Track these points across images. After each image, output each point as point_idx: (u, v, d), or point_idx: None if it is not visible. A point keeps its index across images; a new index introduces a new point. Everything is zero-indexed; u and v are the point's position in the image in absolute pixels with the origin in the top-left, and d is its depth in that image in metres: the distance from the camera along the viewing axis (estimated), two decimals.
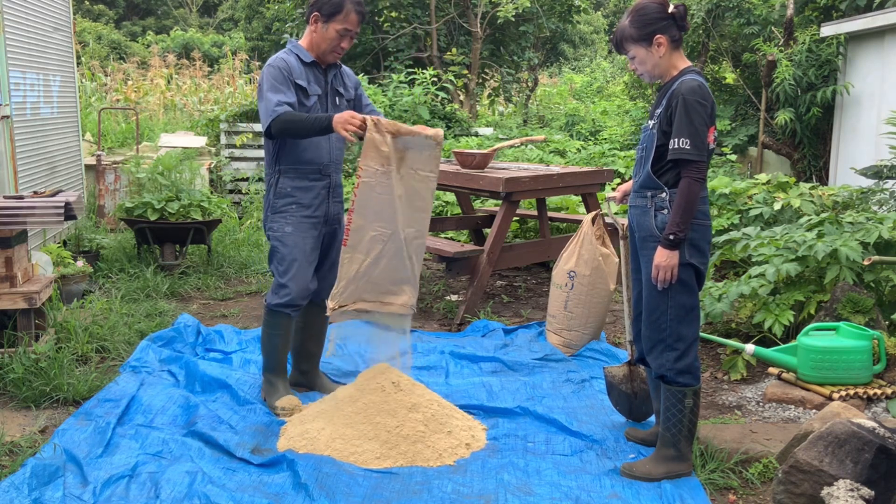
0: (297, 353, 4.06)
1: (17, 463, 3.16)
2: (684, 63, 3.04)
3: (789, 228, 4.81)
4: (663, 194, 2.99)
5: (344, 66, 3.87)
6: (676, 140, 2.90)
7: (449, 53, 12.69)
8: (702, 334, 4.26)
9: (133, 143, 10.01)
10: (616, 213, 3.60)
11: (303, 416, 3.61)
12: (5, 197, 4.42)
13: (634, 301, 3.27)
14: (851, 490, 2.44)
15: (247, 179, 9.71)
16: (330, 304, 3.42)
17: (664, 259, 2.95)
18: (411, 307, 3.58)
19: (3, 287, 4.15)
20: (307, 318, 3.97)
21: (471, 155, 5.70)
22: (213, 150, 9.81)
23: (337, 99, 3.75)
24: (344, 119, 3.33)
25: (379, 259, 3.42)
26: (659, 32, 2.99)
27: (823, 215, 4.81)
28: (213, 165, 9.41)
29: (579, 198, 6.81)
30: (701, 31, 9.91)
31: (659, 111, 3.01)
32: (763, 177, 6.54)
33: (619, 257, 3.80)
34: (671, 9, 2.99)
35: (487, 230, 6.75)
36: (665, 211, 2.99)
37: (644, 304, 3.12)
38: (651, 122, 3.05)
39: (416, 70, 10.63)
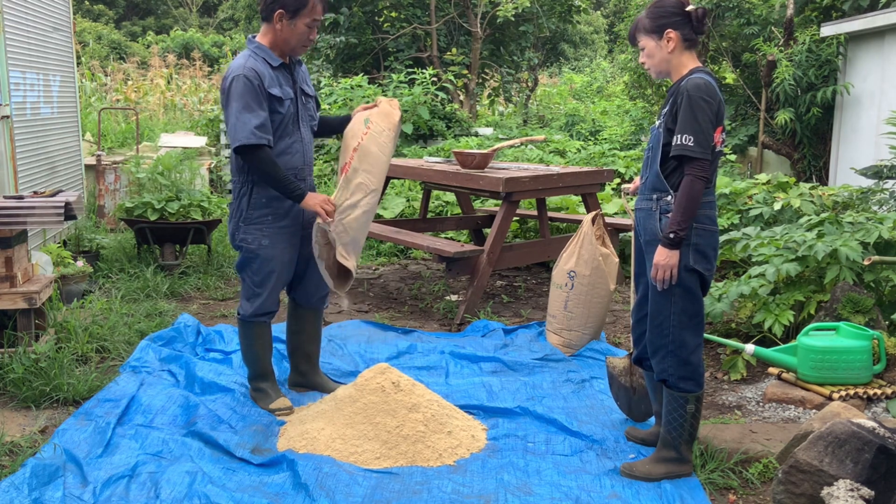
0: (294, 356, 4.05)
1: (17, 463, 3.16)
2: (694, 64, 3.01)
3: (789, 228, 4.81)
4: (668, 197, 2.98)
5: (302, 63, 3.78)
6: (679, 136, 2.88)
7: (449, 53, 12.69)
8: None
9: (133, 143, 10.01)
10: (630, 202, 3.62)
11: (303, 416, 3.61)
12: (5, 197, 4.42)
13: (639, 303, 3.26)
14: (851, 490, 2.44)
15: None
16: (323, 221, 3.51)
17: (664, 258, 2.95)
18: (353, 275, 3.67)
19: (3, 287, 4.15)
20: (302, 322, 3.96)
21: (471, 155, 5.70)
22: (213, 150, 9.81)
23: (304, 98, 3.67)
24: (321, 200, 3.47)
25: (355, 207, 3.56)
26: (671, 27, 2.98)
27: (823, 215, 4.81)
28: (213, 165, 9.41)
29: (579, 198, 6.81)
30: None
31: (665, 110, 3.00)
32: (763, 177, 6.54)
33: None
34: (689, 7, 2.98)
35: (487, 230, 6.76)
36: (670, 214, 2.98)
37: (649, 308, 3.11)
38: (658, 122, 3.05)
39: (415, 70, 10.63)
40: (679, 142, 2.87)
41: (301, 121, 3.63)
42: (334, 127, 3.97)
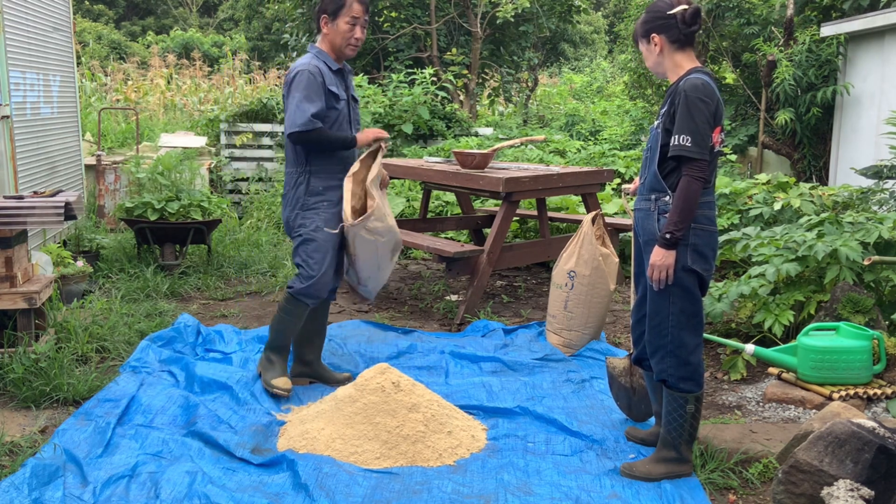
0: (301, 345, 4.14)
1: (17, 463, 3.16)
2: (692, 63, 3.02)
3: (789, 228, 4.81)
4: (666, 198, 2.98)
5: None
6: (677, 137, 2.88)
7: (449, 53, 12.69)
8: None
9: (133, 143, 10.01)
10: (630, 202, 3.64)
11: (303, 416, 3.61)
12: (5, 197, 4.42)
13: (639, 303, 3.26)
14: (851, 490, 2.44)
15: (247, 179, 9.71)
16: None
17: (660, 258, 2.95)
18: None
19: (3, 287, 4.15)
20: (313, 312, 4.08)
21: (471, 155, 5.70)
22: (213, 150, 9.81)
23: (353, 103, 4.02)
24: (373, 131, 3.93)
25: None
26: (655, 32, 3.02)
27: (823, 215, 4.81)
28: (213, 165, 9.42)
29: (579, 198, 6.81)
30: (701, 31, 9.90)
31: (663, 111, 3.00)
32: (763, 177, 6.54)
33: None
34: (672, 10, 2.98)
35: (487, 230, 6.76)
36: (668, 215, 2.98)
37: (647, 308, 3.11)
38: (656, 122, 3.05)
39: (415, 70, 10.63)
40: (676, 142, 2.88)
41: (352, 122, 3.99)
42: None
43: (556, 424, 3.59)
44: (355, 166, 3.87)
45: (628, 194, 3.48)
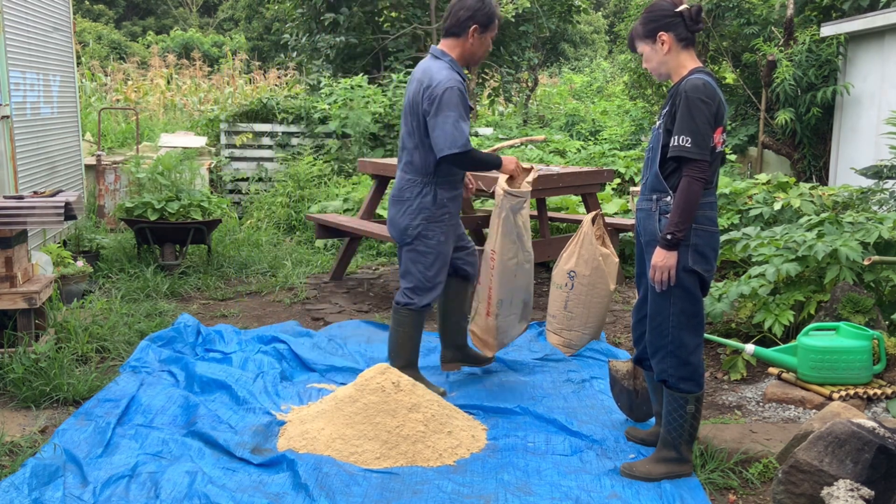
0: (451, 332, 4.18)
1: (17, 463, 3.16)
2: (694, 63, 3.02)
3: (789, 228, 4.81)
4: (667, 198, 2.97)
5: None
6: (677, 137, 2.88)
7: None
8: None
9: (133, 143, 10.01)
10: (636, 202, 3.66)
11: (303, 416, 3.61)
12: (5, 197, 4.42)
13: (640, 303, 3.26)
14: (851, 490, 2.44)
15: (247, 179, 9.71)
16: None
17: (661, 259, 2.94)
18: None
19: (3, 287, 4.15)
20: (454, 290, 4.13)
21: None
22: (213, 150, 9.81)
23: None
24: (514, 163, 3.97)
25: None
26: (663, 30, 3.00)
27: (823, 215, 4.81)
28: (213, 165, 9.42)
29: (579, 198, 6.81)
30: (701, 31, 9.90)
31: (665, 111, 3.00)
32: (763, 177, 6.54)
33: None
34: (680, 7, 2.98)
35: (487, 230, 6.75)
36: (668, 215, 2.98)
37: (648, 309, 3.11)
38: (658, 123, 3.05)
39: None
40: (677, 143, 2.87)
41: None
42: None
43: (556, 424, 3.59)
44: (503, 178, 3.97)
45: (636, 197, 3.48)
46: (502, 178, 3.97)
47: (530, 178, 4.00)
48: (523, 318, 4.20)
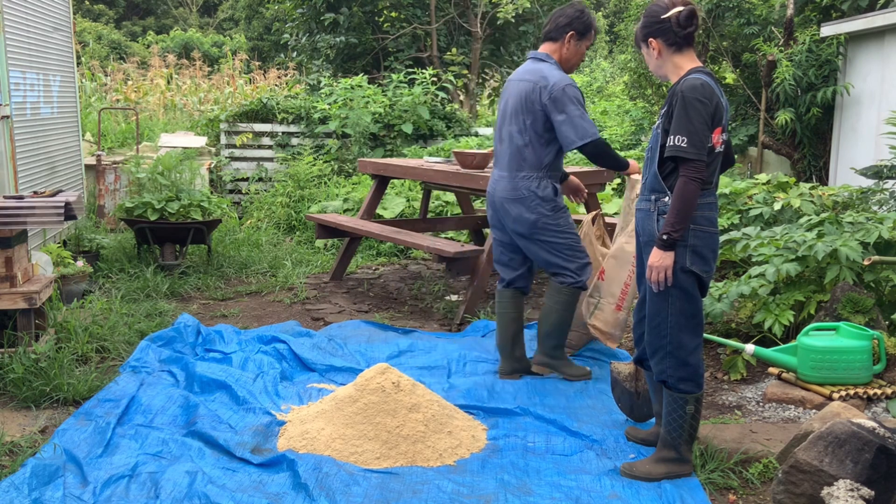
0: (518, 344, 4.29)
1: (17, 463, 3.16)
2: (692, 64, 3.02)
3: (789, 228, 4.80)
4: (666, 198, 2.98)
5: None
6: (673, 137, 2.88)
7: (449, 53, 12.69)
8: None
9: (133, 143, 10.01)
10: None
11: (303, 416, 3.61)
12: (5, 197, 4.42)
13: (640, 303, 3.26)
14: (851, 490, 2.44)
15: (247, 179, 9.71)
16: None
17: (657, 259, 2.95)
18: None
19: (3, 287, 4.15)
20: (515, 303, 4.29)
21: (471, 155, 5.70)
22: (213, 150, 9.81)
23: None
24: (638, 168, 4.10)
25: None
26: (652, 36, 3.05)
27: (823, 215, 4.81)
28: (213, 165, 9.42)
29: None
30: (701, 31, 9.90)
31: (663, 111, 3.01)
32: (763, 177, 6.54)
33: None
34: (665, 15, 3.00)
35: (487, 230, 6.75)
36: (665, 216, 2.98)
37: (647, 309, 3.11)
38: (657, 123, 3.06)
39: (415, 70, 10.63)
40: (673, 143, 2.88)
41: None
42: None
43: (557, 424, 3.59)
44: (631, 193, 4.06)
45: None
46: (637, 181, 4.07)
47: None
48: None
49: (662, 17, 3.00)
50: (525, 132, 4.00)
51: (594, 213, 4.77)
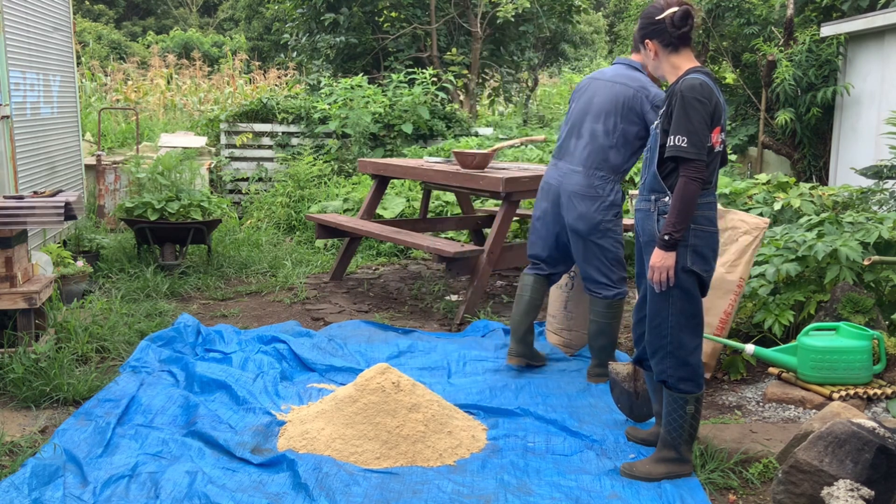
0: (528, 328, 4.30)
1: (17, 463, 3.16)
2: (690, 64, 3.03)
3: (789, 228, 4.80)
4: (666, 198, 2.98)
5: None
6: (673, 137, 2.89)
7: (449, 53, 12.68)
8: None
9: (133, 143, 10.01)
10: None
11: (303, 416, 3.61)
12: (5, 197, 4.42)
13: (640, 303, 3.26)
14: (851, 490, 2.44)
15: (247, 179, 9.71)
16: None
17: (659, 260, 2.95)
18: None
19: (3, 287, 4.15)
20: (540, 290, 4.34)
21: (471, 155, 5.70)
22: (213, 150, 9.81)
23: None
24: None
25: None
26: (648, 37, 3.08)
27: (823, 215, 4.81)
28: (213, 165, 9.42)
29: None
30: (701, 31, 9.90)
31: (662, 111, 3.01)
32: (763, 177, 6.53)
33: None
34: (660, 16, 3.01)
35: (487, 230, 6.75)
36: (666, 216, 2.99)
37: (647, 309, 3.12)
38: (656, 123, 3.06)
39: (415, 70, 10.63)
40: (672, 142, 2.89)
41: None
42: None
43: (557, 424, 3.59)
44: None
45: (635, 199, 3.49)
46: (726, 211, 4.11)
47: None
48: None
49: (657, 18, 3.01)
50: (613, 134, 4.02)
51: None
